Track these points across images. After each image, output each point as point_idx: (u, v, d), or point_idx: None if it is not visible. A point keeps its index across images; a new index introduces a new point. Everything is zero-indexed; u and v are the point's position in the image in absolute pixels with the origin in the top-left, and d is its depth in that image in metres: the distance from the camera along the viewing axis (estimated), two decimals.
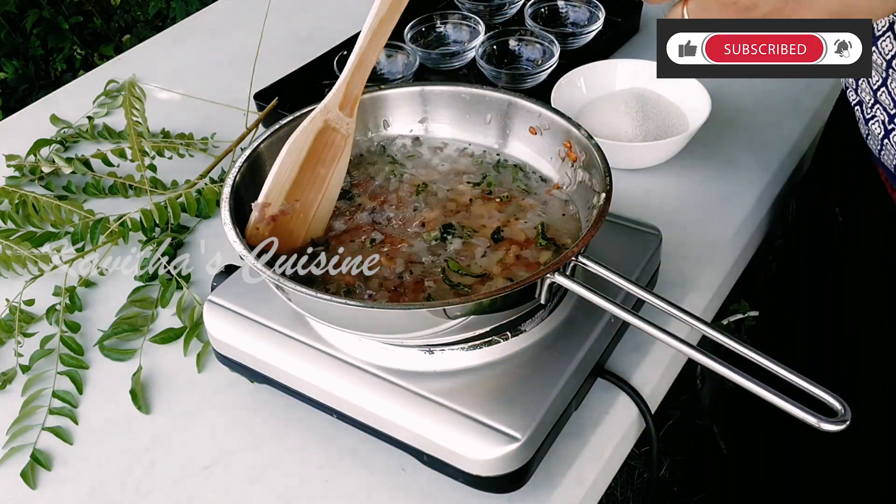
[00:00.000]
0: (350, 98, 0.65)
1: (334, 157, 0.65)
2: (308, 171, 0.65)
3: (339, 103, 0.65)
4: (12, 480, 0.68)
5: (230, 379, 0.73)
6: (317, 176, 0.65)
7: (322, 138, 0.64)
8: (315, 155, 0.65)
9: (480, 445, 0.58)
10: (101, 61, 2.28)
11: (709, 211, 0.86)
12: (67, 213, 0.89)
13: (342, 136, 0.65)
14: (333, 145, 0.65)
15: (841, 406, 0.49)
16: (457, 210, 0.68)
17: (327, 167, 0.65)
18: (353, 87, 0.64)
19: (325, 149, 0.65)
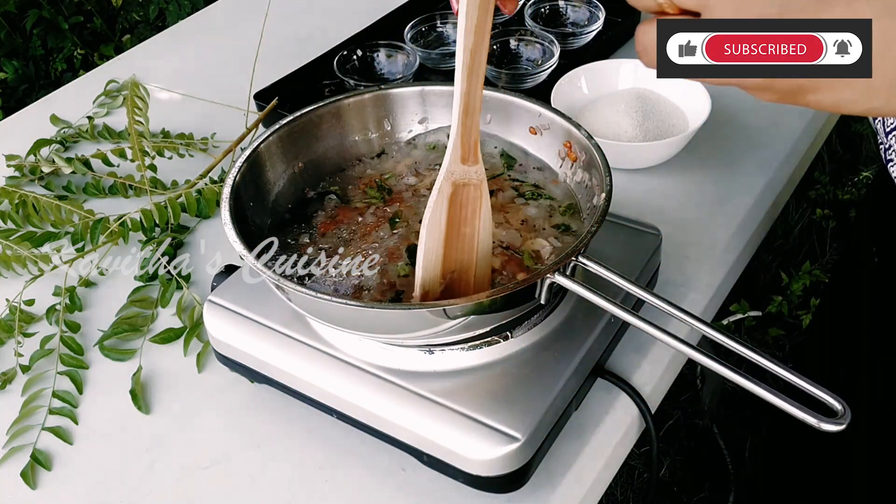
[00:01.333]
0: (470, 147, 0.58)
1: (475, 211, 0.60)
2: (455, 239, 0.60)
3: (459, 159, 0.58)
4: (12, 480, 0.68)
5: (230, 379, 0.73)
6: (464, 237, 0.60)
7: (456, 201, 0.59)
8: (454, 222, 0.59)
9: (480, 445, 0.58)
10: (101, 61, 2.28)
11: (709, 211, 0.86)
12: (67, 213, 0.89)
13: (475, 186, 0.59)
14: (470, 201, 0.59)
15: (841, 406, 0.49)
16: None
17: (471, 224, 0.60)
18: (468, 136, 0.57)
19: (464, 208, 0.59)
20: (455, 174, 0.58)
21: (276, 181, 0.71)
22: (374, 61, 1.05)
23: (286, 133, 0.71)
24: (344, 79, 1.01)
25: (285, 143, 0.71)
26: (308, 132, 0.73)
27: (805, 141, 0.95)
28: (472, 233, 0.60)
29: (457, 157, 0.58)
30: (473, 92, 0.56)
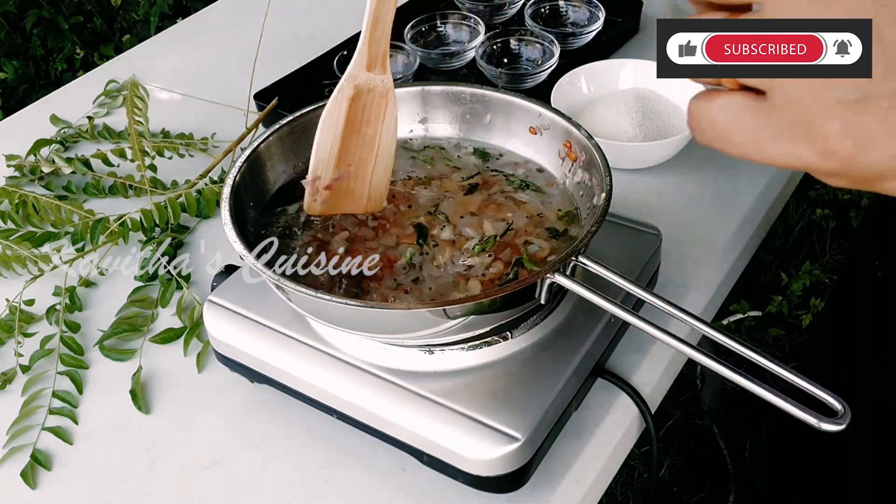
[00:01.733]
0: (376, 57, 0.62)
1: (378, 115, 0.64)
2: (353, 136, 0.64)
3: (364, 65, 0.62)
4: (12, 480, 0.68)
5: (230, 379, 0.73)
6: (364, 137, 0.64)
7: (358, 103, 0.63)
8: (355, 120, 0.64)
9: (480, 445, 0.58)
10: (101, 61, 2.28)
11: (709, 211, 0.86)
12: (67, 213, 0.89)
13: (380, 94, 0.63)
14: (374, 105, 0.63)
15: (841, 406, 0.49)
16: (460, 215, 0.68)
17: (373, 126, 0.64)
18: (375, 46, 0.62)
19: (366, 111, 0.63)
20: (358, 78, 0.62)
21: (276, 181, 0.71)
22: None
23: (286, 133, 0.71)
24: None
25: (285, 143, 0.71)
26: (308, 132, 0.73)
27: None
28: (375, 133, 0.64)
29: (362, 63, 0.62)
30: (384, 4, 0.62)
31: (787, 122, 0.34)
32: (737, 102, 0.36)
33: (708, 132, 0.38)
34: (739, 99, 0.36)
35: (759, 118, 0.35)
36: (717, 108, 0.37)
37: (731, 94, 0.37)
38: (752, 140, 0.36)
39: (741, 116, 0.36)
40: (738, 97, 0.36)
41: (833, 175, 0.36)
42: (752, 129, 0.36)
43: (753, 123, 0.36)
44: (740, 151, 0.37)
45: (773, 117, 0.35)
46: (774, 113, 0.35)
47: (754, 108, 0.36)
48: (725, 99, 0.37)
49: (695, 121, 0.38)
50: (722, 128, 0.37)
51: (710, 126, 0.38)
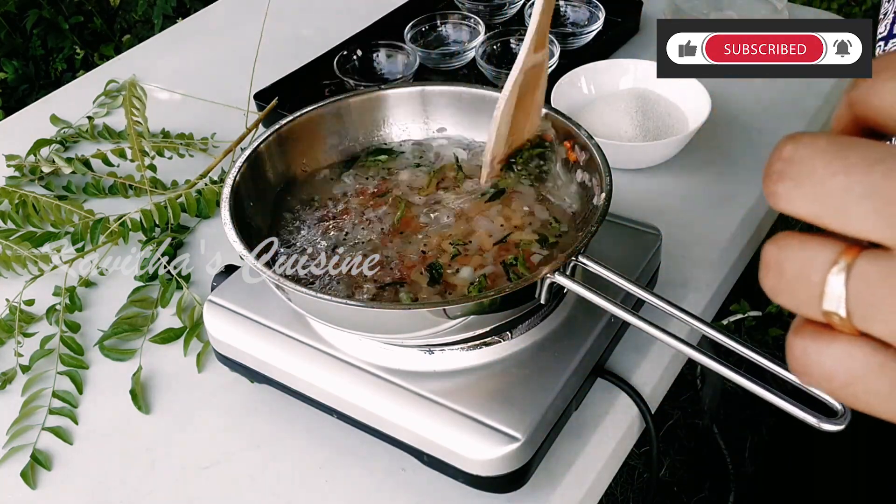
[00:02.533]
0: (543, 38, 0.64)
1: (536, 82, 0.67)
2: (518, 111, 0.66)
3: (534, 49, 0.64)
4: (12, 480, 0.68)
5: (230, 379, 0.73)
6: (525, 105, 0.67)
7: (525, 81, 0.65)
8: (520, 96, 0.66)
9: (480, 445, 0.58)
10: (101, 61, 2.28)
11: (709, 211, 0.86)
12: (67, 213, 0.89)
13: (540, 66, 0.66)
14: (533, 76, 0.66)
15: (841, 406, 0.49)
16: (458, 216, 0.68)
17: (532, 94, 0.67)
18: (543, 30, 0.64)
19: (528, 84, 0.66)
20: (527, 63, 0.64)
21: (277, 181, 0.71)
22: (374, 61, 1.05)
23: (286, 133, 0.71)
24: (344, 79, 1.01)
25: (285, 142, 0.71)
26: (308, 132, 0.73)
27: None
28: (532, 99, 0.67)
29: (532, 48, 0.64)
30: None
31: None
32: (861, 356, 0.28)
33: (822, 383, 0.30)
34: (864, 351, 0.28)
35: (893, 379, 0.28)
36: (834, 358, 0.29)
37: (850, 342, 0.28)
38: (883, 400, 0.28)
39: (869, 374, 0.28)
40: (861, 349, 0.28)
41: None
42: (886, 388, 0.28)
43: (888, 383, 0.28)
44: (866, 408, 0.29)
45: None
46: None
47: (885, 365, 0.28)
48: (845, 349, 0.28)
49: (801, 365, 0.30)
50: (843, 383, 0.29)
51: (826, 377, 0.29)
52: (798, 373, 0.30)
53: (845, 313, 0.27)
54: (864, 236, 0.26)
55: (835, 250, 0.27)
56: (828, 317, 0.28)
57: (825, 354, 0.29)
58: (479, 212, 0.68)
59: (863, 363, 0.28)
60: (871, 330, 0.27)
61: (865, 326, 0.27)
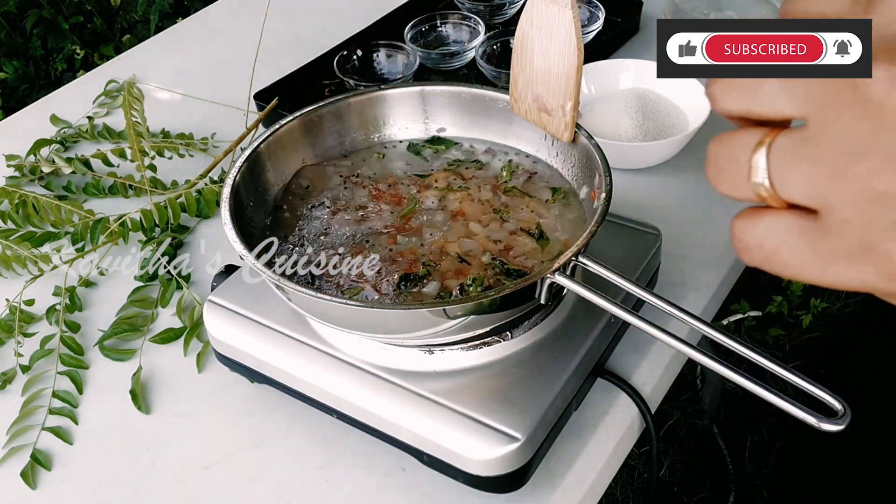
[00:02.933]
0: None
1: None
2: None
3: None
4: (12, 480, 0.68)
5: (230, 379, 0.73)
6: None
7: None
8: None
9: (480, 445, 0.58)
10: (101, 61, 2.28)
11: (709, 211, 0.86)
12: (67, 213, 0.89)
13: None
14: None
15: (841, 406, 0.49)
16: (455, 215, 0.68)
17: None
18: None
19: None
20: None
21: (276, 181, 0.71)
22: (374, 61, 1.05)
23: (286, 133, 0.71)
24: (344, 79, 1.01)
25: (285, 143, 0.71)
26: (308, 132, 0.73)
27: None
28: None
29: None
30: None
31: (844, 245, 0.31)
32: (785, 223, 0.33)
33: (756, 254, 0.34)
34: (788, 219, 0.33)
35: (812, 241, 0.32)
36: (763, 228, 0.34)
37: (778, 213, 0.33)
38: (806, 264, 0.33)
39: (792, 239, 0.33)
40: (786, 217, 0.33)
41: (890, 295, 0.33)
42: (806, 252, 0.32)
43: (807, 246, 0.32)
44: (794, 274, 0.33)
45: (828, 240, 0.32)
46: (829, 235, 0.31)
47: (805, 229, 0.32)
48: (772, 219, 0.33)
49: (740, 242, 0.35)
50: (771, 250, 0.33)
51: (758, 247, 0.34)
52: (739, 250, 0.35)
53: (769, 183, 0.32)
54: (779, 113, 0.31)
55: (760, 133, 0.32)
56: (756, 191, 0.33)
57: (758, 226, 0.33)
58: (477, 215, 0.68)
59: (787, 229, 0.32)
60: (791, 196, 0.32)
61: (786, 194, 0.32)
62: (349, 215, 0.69)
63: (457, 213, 0.68)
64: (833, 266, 0.32)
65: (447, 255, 0.64)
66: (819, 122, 0.30)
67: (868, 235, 0.30)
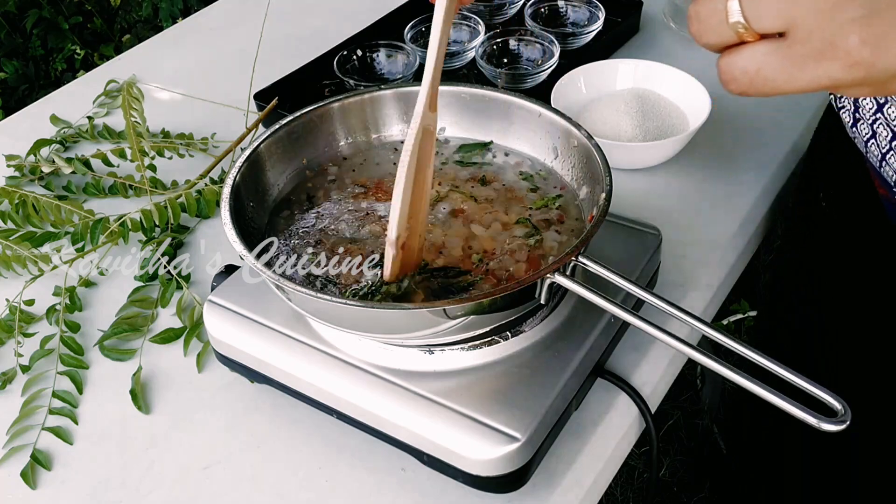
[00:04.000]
0: (434, 95, 0.60)
1: (429, 155, 0.61)
2: (416, 185, 0.60)
3: (428, 106, 0.60)
4: (12, 480, 0.68)
5: (230, 379, 0.73)
6: (420, 183, 0.60)
7: (422, 148, 0.60)
8: (420, 168, 0.60)
9: (480, 445, 0.58)
10: (101, 61, 2.28)
11: (709, 211, 0.86)
12: (67, 213, 0.89)
13: (430, 133, 0.61)
14: (426, 147, 0.60)
15: (841, 406, 0.49)
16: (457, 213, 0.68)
17: (425, 169, 0.61)
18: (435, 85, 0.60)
19: (423, 154, 0.60)
20: (426, 119, 0.59)
21: (277, 181, 0.71)
22: (374, 61, 1.05)
23: (286, 133, 0.71)
24: (344, 79, 1.01)
25: (285, 143, 0.71)
26: (308, 132, 0.73)
27: (805, 140, 0.95)
28: (424, 179, 0.61)
29: (426, 105, 0.59)
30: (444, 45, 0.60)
31: (810, 50, 0.39)
32: (762, 48, 0.40)
33: (742, 80, 0.41)
34: (763, 45, 0.40)
35: (785, 54, 0.40)
36: (744, 57, 0.41)
37: (754, 43, 0.41)
38: (783, 73, 0.40)
39: (768, 57, 0.40)
40: (761, 44, 0.40)
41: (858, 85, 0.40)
42: (781, 64, 0.40)
43: (781, 59, 0.40)
44: (774, 87, 0.41)
45: (797, 49, 0.39)
46: (797, 46, 0.39)
47: (778, 47, 0.40)
48: (750, 48, 0.41)
49: (727, 74, 0.42)
50: (753, 72, 0.41)
51: (742, 73, 0.41)
52: (727, 82, 0.42)
53: (745, 21, 0.40)
54: None
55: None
56: (735, 29, 0.41)
57: (740, 57, 0.41)
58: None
59: (763, 52, 0.40)
60: (763, 26, 0.40)
61: (759, 25, 0.40)
62: (349, 215, 0.69)
63: (457, 212, 0.68)
64: (804, 69, 0.39)
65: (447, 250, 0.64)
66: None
67: (828, 36, 0.38)
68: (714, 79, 0.45)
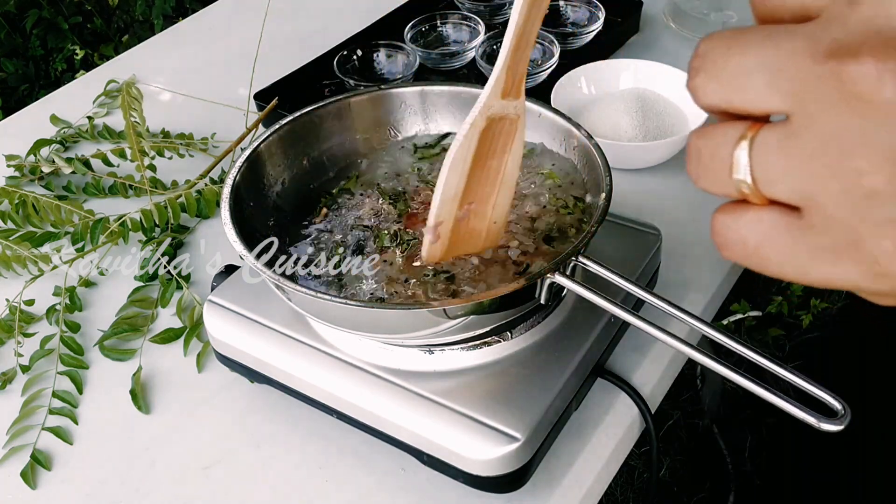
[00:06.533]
0: (514, 82, 0.54)
1: (506, 145, 0.57)
2: (479, 171, 0.57)
3: (500, 93, 0.55)
4: (12, 480, 0.68)
5: (230, 379, 0.73)
6: (489, 170, 0.57)
7: (488, 135, 0.56)
8: (483, 154, 0.56)
9: (480, 445, 0.58)
10: (101, 61, 2.28)
11: (709, 211, 0.85)
12: (67, 213, 0.89)
13: (511, 121, 0.56)
14: (503, 134, 0.56)
15: (841, 406, 0.49)
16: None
17: (499, 157, 0.57)
18: (514, 71, 0.54)
19: (494, 141, 0.56)
20: (493, 108, 0.55)
21: (277, 181, 0.71)
22: (374, 61, 1.05)
23: (286, 133, 0.71)
24: (344, 79, 1.01)
25: (285, 143, 0.71)
26: (308, 132, 0.73)
27: None
28: (499, 165, 0.57)
29: (498, 90, 0.54)
30: (532, 22, 0.50)
31: (828, 243, 0.30)
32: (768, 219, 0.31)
33: (737, 250, 0.33)
34: (771, 215, 0.31)
35: (795, 238, 0.31)
36: (745, 224, 0.32)
37: (760, 209, 0.32)
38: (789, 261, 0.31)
39: (775, 235, 0.31)
40: (768, 213, 0.31)
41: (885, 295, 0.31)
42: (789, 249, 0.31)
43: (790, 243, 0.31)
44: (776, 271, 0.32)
45: (812, 237, 0.30)
46: (813, 232, 0.30)
47: (789, 225, 0.31)
48: (755, 215, 0.32)
49: (721, 237, 0.34)
50: (753, 246, 0.32)
51: (740, 244, 0.33)
52: (720, 246, 0.34)
53: (751, 181, 0.31)
54: (763, 108, 0.29)
55: (742, 127, 0.30)
56: (738, 187, 0.31)
57: (740, 223, 0.32)
58: None
59: (769, 225, 0.31)
60: (774, 193, 0.30)
61: (769, 191, 0.30)
62: (349, 215, 0.69)
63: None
64: (816, 263, 0.31)
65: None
66: (804, 118, 0.29)
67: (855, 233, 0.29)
68: None
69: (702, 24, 1.11)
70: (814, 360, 0.87)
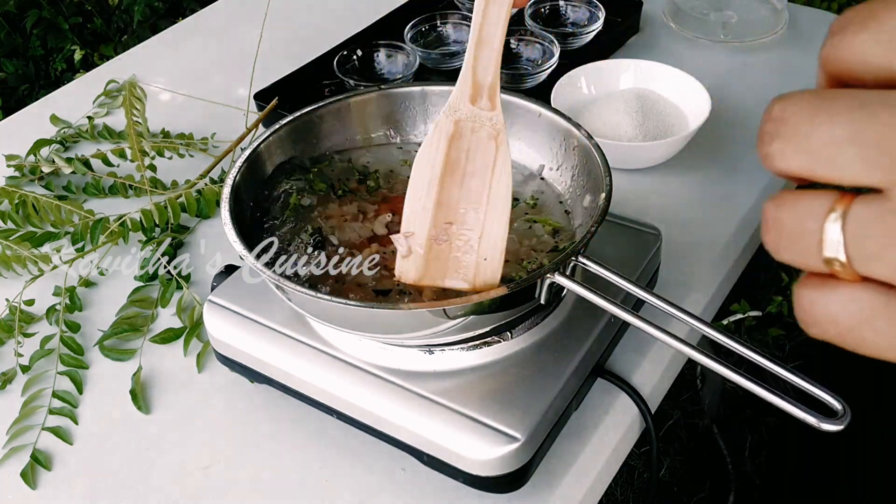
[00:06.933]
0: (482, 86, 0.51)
1: (486, 164, 0.52)
2: (455, 188, 0.53)
3: (468, 97, 0.51)
4: (12, 480, 0.68)
5: (230, 379, 0.73)
6: (469, 191, 0.53)
7: (460, 145, 0.52)
8: (457, 167, 0.53)
9: (480, 445, 0.58)
10: (101, 61, 2.28)
11: (709, 211, 0.86)
12: (67, 213, 0.89)
13: (489, 136, 0.52)
14: (481, 150, 0.52)
15: (841, 406, 0.49)
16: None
17: (480, 177, 0.53)
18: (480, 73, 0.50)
19: (471, 157, 0.53)
20: (460, 112, 0.51)
21: (277, 181, 0.71)
22: (374, 61, 1.05)
23: (286, 133, 0.71)
24: (344, 79, 1.01)
25: (285, 143, 0.71)
26: (308, 132, 0.73)
27: None
28: (482, 187, 0.53)
29: (464, 93, 0.51)
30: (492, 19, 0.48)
31: None
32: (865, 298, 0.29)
33: (828, 329, 0.30)
34: (867, 294, 0.29)
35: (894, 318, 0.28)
36: (838, 303, 0.29)
37: (853, 288, 0.29)
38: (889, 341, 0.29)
39: (873, 316, 0.28)
40: (863, 292, 0.29)
41: None
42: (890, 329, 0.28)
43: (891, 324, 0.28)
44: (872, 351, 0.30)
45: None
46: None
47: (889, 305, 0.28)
48: (849, 293, 0.29)
49: (808, 315, 0.30)
50: (847, 326, 0.29)
51: (832, 323, 0.30)
52: (807, 324, 0.30)
53: (845, 258, 0.27)
54: (855, 182, 0.27)
55: (830, 199, 0.28)
56: (829, 265, 0.28)
57: (831, 301, 0.29)
58: None
59: (867, 305, 0.28)
60: (871, 272, 0.27)
61: (865, 269, 0.27)
62: (349, 215, 0.69)
63: None
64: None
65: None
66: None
67: None
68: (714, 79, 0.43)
69: (702, 24, 1.11)
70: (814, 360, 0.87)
